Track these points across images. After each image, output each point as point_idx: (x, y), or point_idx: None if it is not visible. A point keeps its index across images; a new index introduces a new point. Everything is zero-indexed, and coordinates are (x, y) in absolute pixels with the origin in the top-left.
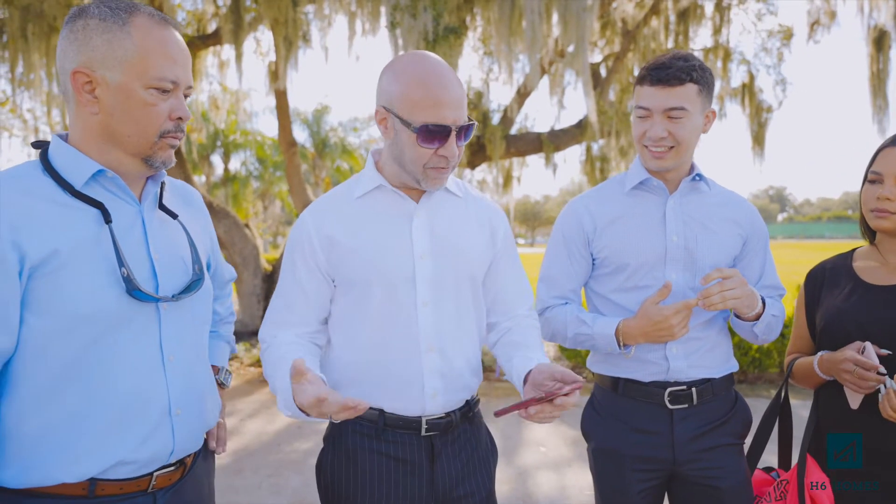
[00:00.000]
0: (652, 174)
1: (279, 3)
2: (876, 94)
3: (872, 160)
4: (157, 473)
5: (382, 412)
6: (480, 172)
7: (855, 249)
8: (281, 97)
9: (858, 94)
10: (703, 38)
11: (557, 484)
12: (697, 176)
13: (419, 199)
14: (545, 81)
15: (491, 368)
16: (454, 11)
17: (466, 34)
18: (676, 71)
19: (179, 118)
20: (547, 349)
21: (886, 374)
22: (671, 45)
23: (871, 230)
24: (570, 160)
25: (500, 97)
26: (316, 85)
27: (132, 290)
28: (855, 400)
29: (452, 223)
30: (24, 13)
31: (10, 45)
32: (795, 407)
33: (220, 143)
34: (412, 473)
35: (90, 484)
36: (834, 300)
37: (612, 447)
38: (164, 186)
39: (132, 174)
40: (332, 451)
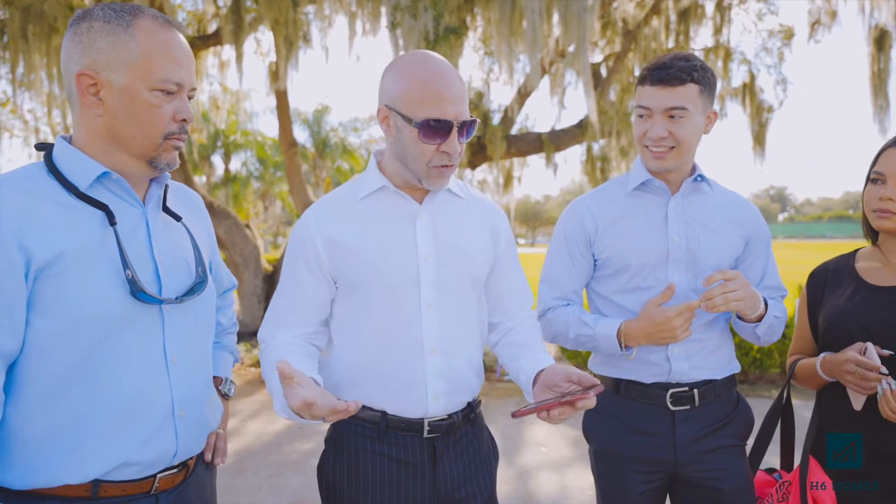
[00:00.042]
0: (653, 175)
1: (279, 3)
2: (877, 93)
3: (875, 161)
4: (160, 475)
5: (385, 414)
6: (481, 172)
7: (857, 250)
8: (281, 97)
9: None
10: (703, 37)
11: (558, 484)
12: (699, 177)
13: (422, 200)
14: (546, 81)
15: (492, 369)
16: (455, 11)
17: (467, 34)
18: (677, 71)
19: (184, 120)
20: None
21: (888, 374)
22: (672, 44)
23: (873, 231)
24: (570, 160)
25: (500, 97)
26: (316, 85)
27: (137, 291)
28: (858, 401)
29: (455, 225)
30: (24, 14)
31: (10, 45)
32: (797, 407)
33: (220, 143)
34: (414, 475)
35: (93, 486)
36: (836, 301)
37: (613, 448)
38: (167, 189)
39: (136, 176)
40: (333, 453)
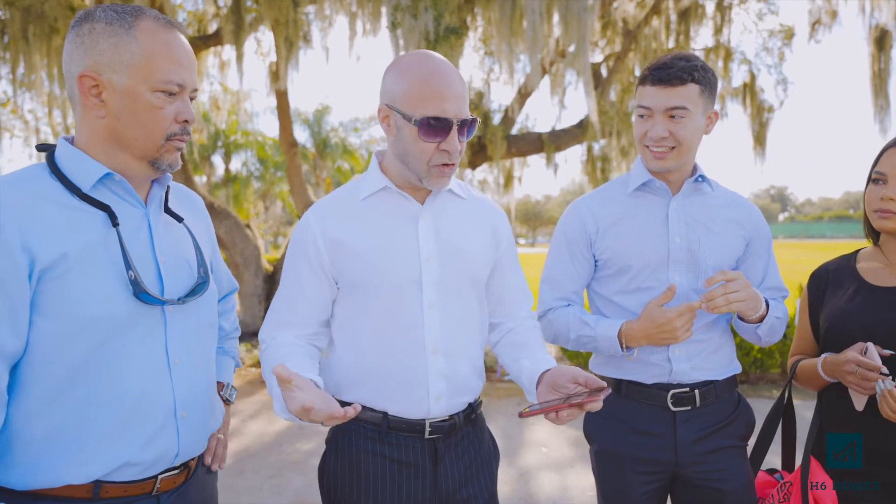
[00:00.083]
0: (654, 175)
1: (280, 3)
2: (877, 93)
3: (876, 161)
4: (161, 476)
5: (386, 415)
6: (481, 172)
7: (858, 250)
8: (282, 97)
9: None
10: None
11: (559, 485)
12: (700, 177)
13: (424, 200)
14: (546, 81)
15: (492, 369)
16: (455, 12)
17: (467, 34)
18: (678, 71)
19: (185, 121)
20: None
21: (889, 374)
22: (672, 44)
23: (874, 231)
24: (571, 160)
25: (501, 97)
26: (317, 85)
27: (139, 293)
28: (860, 401)
29: (457, 225)
30: (25, 14)
31: (11, 46)
32: (798, 408)
33: (220, 143)
34: (416, 476)
35: (95, 486)
36: (837, 301)
37: (614, 449)
38: (169, 190)
39: (138, 177)
40: (334, 454)
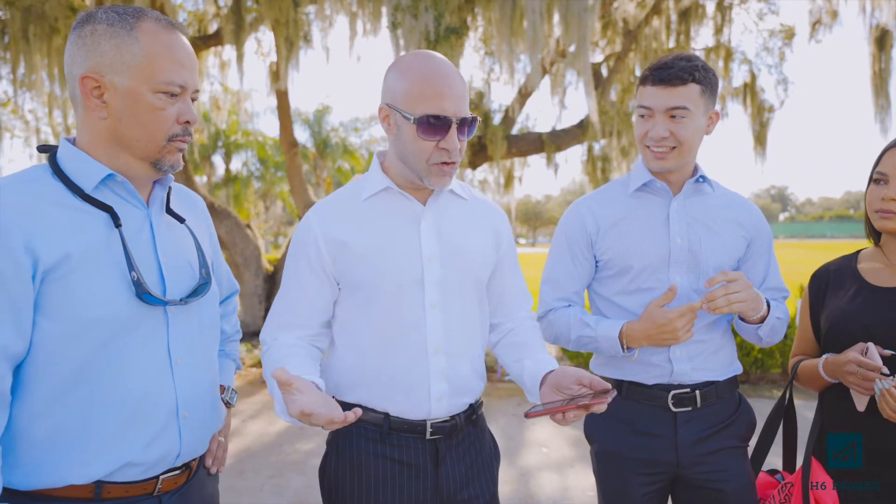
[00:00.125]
0: (655, 176)
1: (280, 3)
2: (878, 93)
3: (878, 161)
4: (163, 477)
5: (387, 416)
6: (482, 172)
7: (860, 251)
8: (282, 97)
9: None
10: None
11: (560, 485)
12: (701, 178)
13: (426, 201)
14: (546, 81)
15: (492, 369)
16: (455, 11)
17: (468, 34)
18: (679, 71)
19: (187, 122)
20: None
21: (890, 374)
22: (672, 44)
23: (875, 231)
24: (571, 160)
25: (501, 97)
26: (317, 85)
27: (142, 293)
28: (861, 402)
29: (459, 226)
30: (25, 14)
31: (11, 46)
32: (799, 408)
33: (221, 143)
34: (417, 477)
35: (96, 487)
36: (839, 302)
37: (615, 450)
38: (170, 191)
39: (140, 178)
40: (335, 455)
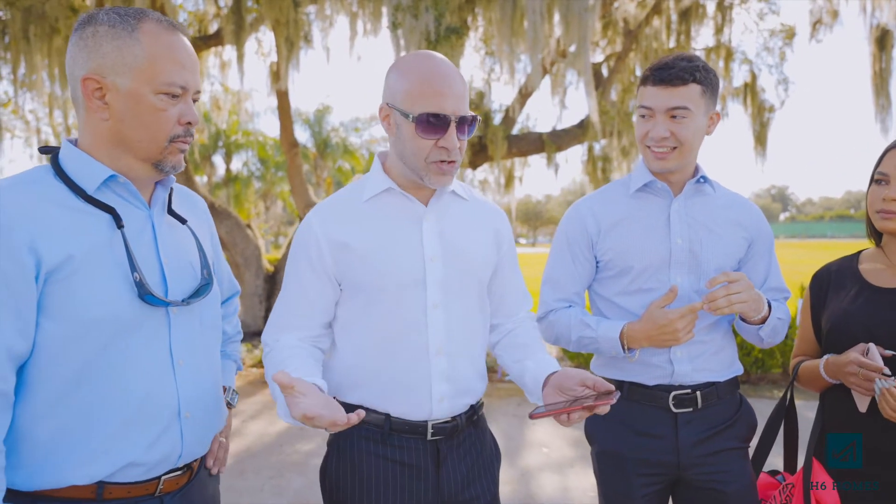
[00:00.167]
0: (656, 176)
1: (280, 3)
2: (878, 93)
3: (879, 161)
4: (164, 477)
5: (388, 417)
6: (482, 172)
7: (861, 252)
8: (282, 97)
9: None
10: (704, 37)
11: (560, 485)
12: (702, 178)
13: (427, 201)
14: (547, 81)
15: (493, 369)
16: (456, 11)
17: (468, 34)
18: (679, 71)
19: (189, 123)
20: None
21: (891, 375)
22: (673, 44)
23: (877, 232)
24: (571, 160)
25: (501, 97)
26: (317, 85)
27: (144, 294)
28: (862, 403)
29: (460, 226)
30: (25, 14)
31: (12, 46)
32: (800, 408)
33: (221, 143)
34: (418, 478)
35: (98, 487)
36: (840, 303)
37: (615, 451)
38: (172, 192)
39: (142, 179)
40: (336, 456)
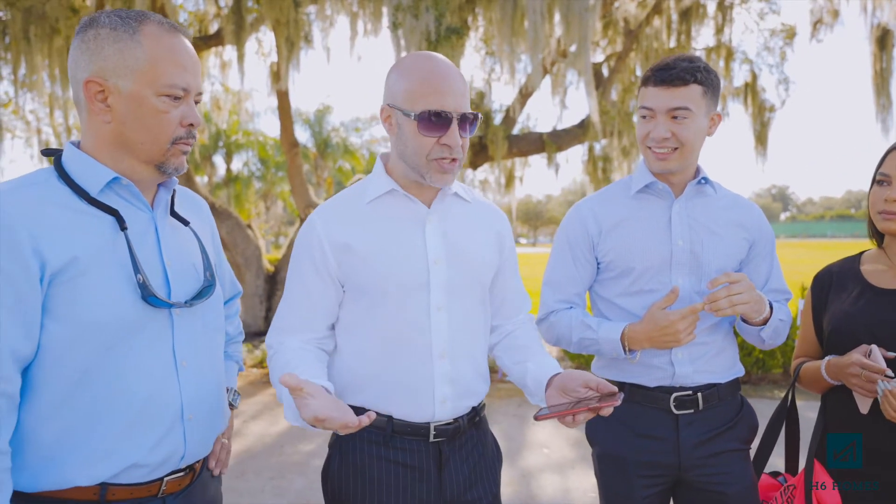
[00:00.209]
0: (657, 177)
1: (281, 3)
2: (879, 92)
3: (881, 162)
4: (167, 478)
5: (391, 419)
6: (483, 172)
7: (862, 253)
8: (283, 98)
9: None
10: (705, 37)
11: (561, 486)
12: (703, 179)
13: (430, 203)
14: (547, 81)
15: (494, 370)
16: (456, 12)
17: (468, 34)
18: (680, 72)
19: (191, 124)
20: (550, 352)
21: (894, 376)
22: (673, 44)
23: (878, 233)
24: (572, 160)
25: (502, 97)
26: (318, 85)
27: (147, 296)
28: (864, 404)
29: (463, 228)
30: (26, 15)
31: (12, 46)
32: (801, 408)
33: (222, 143)
34: (420, 480)
35: (101, 489)
36: (841, 304)
37: (616, 452)
38: (174, 193)
39: (145, 181)
40: (338, 458)
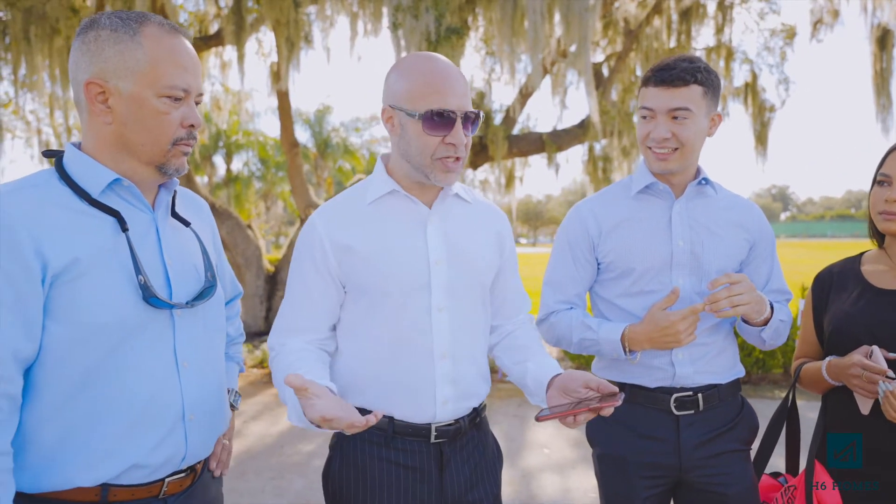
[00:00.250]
0: (658, 178)
1: (281, 4)
2: (879, 92)
3: (882, 163)
4: (168, 479)
5: (392, 420)
6: (483, 172)
7: (863, 253)
8: (283, 98)
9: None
10: (705, 37)
11: (561, 486)
12: (704, 180)
13: (432, 204)
14: (547, 81)
15: (493, 370)
16: (456, 12)
17: (468, 34)
18: (681, 72)
19: (191, 125)
20: (550, 352)
21: (895, 377)
22: (673, 44)
23: (879, 233)
24: (572, 160)
25: (502, 97)
26: (318, 85)
27: (149, 297)
28: (865, 405)
29: (464, 229)
30: (26, 15)
31: (12, 46)
32: (802, 408)
33: (222, 143)
34: (422, 481)
35: (103, 489)
36: (842, 304)
37: (617, 453)
38: (175, 194)
39: (146, 182)
40: (339, 459)
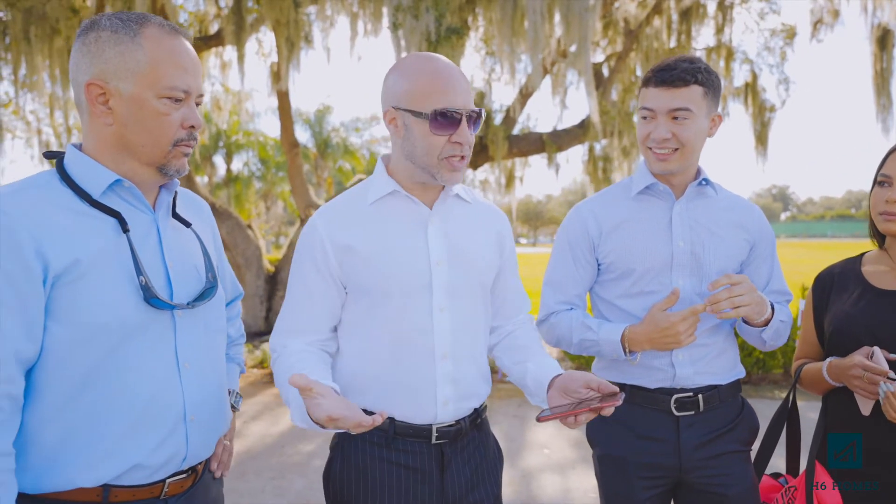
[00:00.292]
0: (658, 178)
1: (281, 4)
2: (879, 92)
3: (882, 163)
4: (169, 480)
5: (393, 421)
6: (483, 172)
7: (864, 254)
8: (283, 98)
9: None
10: (705, 37)
11: (561, 486)
12: (704, 181)
13: (432, 204)
14: (547, 81)
15: (494, 370)
16: (456, 12)
17: (469, 34)
18: (681, 72)
19: (192, 126)
20: (550, 353)
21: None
22: (673, 44)
23: (879, 234)
24: (572, 160)
25: (502, 97)
26: (318, 85)
27: (150, 298)
28: (866, 406)
29: (465, 229)
30: (26, 15)
31: (12, 47)
32: (802, 409)
33: (222, 143)
34: (423, 482)
35: (104, 490)
36: (843, 305)
37: (617, 454)
38: (176, 195)
39: (146, 183)
40: (340, 460)
